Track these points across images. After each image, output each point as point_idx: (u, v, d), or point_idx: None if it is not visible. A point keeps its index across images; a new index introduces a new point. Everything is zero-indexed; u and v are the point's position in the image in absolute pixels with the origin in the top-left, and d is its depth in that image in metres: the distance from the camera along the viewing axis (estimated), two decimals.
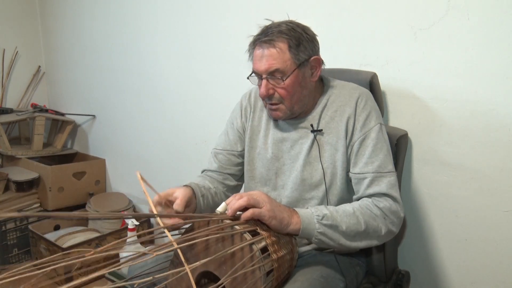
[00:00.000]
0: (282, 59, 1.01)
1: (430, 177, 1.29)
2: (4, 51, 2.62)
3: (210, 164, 1.23)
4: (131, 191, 2.40)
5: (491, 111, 1.15)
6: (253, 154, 1.18)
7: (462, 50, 1.17)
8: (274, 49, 1.01)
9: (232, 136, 1.23)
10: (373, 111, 1.07)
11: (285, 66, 1.02)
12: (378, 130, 1.06)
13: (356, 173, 1.05)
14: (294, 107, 1.07)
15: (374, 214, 0.99)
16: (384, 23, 1.30)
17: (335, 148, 1.07)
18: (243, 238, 0.87)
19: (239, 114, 1.23)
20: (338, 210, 0.99)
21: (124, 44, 2.24)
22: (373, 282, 1.22)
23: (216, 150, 1.24)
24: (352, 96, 1.08)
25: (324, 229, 0.95)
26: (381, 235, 1.01)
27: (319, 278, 0.98)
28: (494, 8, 1.10)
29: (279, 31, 1.02)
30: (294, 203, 1.11)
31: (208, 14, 1.81)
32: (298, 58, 1.03)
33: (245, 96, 1.24)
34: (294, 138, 1.12)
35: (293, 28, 1.02)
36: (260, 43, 1.03)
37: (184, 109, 2.02)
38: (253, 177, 1.18)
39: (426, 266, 1.36)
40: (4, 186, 2.19)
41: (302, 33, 1.03)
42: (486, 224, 1.22)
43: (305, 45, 1.03)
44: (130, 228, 1.93)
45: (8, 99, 2.68)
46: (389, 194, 1.01)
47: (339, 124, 1.07)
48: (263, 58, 1.03)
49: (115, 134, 2.45)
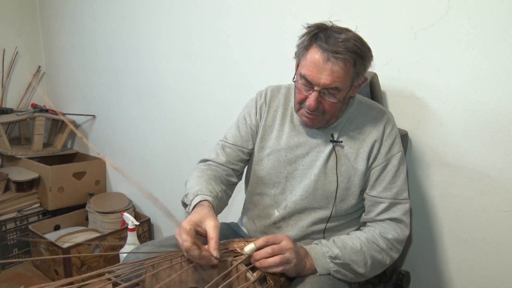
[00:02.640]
0: (345, 79, 0.96)
1: (430, 177, 1.29)
2: (4, 51, 2.62)
3: (216, 156, 1.17)
4: (131, 191, 2.41)
5: (491, 111, 1.15)
6: (262, 154, 1.15)
7: (462, 50, 1.17)
8: (341, 68, 0.95)
9: (244, 133, 1.17)
10: (397, 138, 1.09)
11: (345, 86, 0.98)
12: (400, 157, 1.07)
13: (374, 196, 1.06)
14: (331, 120, 1.06)
15: (380, 248, 1.03)
16: (384, 23, 1.30)
17: (353, 165, 1.07)
18: (239, 269, 0.87)
19: (253, 111, 1.18)
20: (346, 246, 1.01)
21: (124, 44, 2.24)
22: (373, 282, 1.22)
23: (225, 143, 1.18)
24: (380, 120, 1.08)
25: (338, 268, 1.00)
26: (385, 265, 1.06)
27: (327, 281, 0.98)
28: (494, 8, 1.10)
29: (348, 48, 0.94)
30: (301, 209, 1.11)
31: (208, 14, 1.81)
32: (357, 79, 1.00)
33: (261, 94, 1.19)
34: (311, 144, 1.10)
35: (360, 46, 0.96)
36: (324, 52, 0.95)
37: (184, 109, 2.02)
38: (260, 178, 1.15)
39: (426, 266, 1.36)
40: (4, 186, 2.19)
41: (367, 53, 0.98)
42: (486, 224, 1.22)
43: (366, 66, 1.00)
44: (130, 228, 1.94)
45: (8, 99, 2.68)
46: (402, 220, 1.05)
47: (362, 143, 1.07)
48: (325, 71, 0.95)
49: (115, 134, 2.45)
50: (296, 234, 1.11)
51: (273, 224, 1.14)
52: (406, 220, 1.06)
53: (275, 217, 1.14)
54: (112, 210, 2.19)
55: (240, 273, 0.86)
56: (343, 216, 1.11)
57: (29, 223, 2.19)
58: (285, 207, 1.12)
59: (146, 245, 1.13)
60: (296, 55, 1.03)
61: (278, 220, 1.13)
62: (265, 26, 1.63)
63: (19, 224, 2.18)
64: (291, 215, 1.12)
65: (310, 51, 0.97)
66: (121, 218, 2.14)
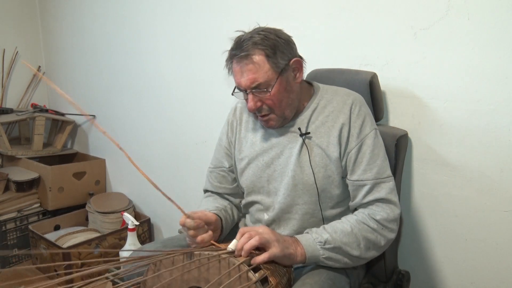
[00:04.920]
0: (263, 71, 1.00)
1: (430, 177, 1.29)
2: (4, 51, 2.62)
3: (210, 185, 1.26)
4: (131, 191, 2.41)
5: (491, 111, 1.15)
6: (242, 165, 1.18)
7: (462, 50, 1.17)
8: (252, 64, 1.00)
9: (220, 154, 1.24)
10: (367, 116, 1.07)
11: (267, 77, 1.01)
12: (374, 136, 1.06)
13: (355, 180, 1.05)
14: (285, 113, 1.07)
15: (371, 228, 1.01)
16: (384, 23, 1.30)
17: (326, 153, 1.06)
18: (241, 269, 0.88)
19: (225, 131, 1.23)
20: (336, 230, 1.00)
21: (124, 44, 2.24)
22: (373, 282, 1.22)
23: (209, 169, 1.27)
24: (346, 103, 1.08)
25: (329, 254, 0.98)
26: (381, 246, 1.04)
27: (327, 281, 0.98)
28: (494, 8, 1.10)
29: (253, 42, 0.99)
30: (287, 208, 1.11)
31: (208, 14, 1.81)
32: (277, 65, 1.01)
33: (231, 112, 1.25)
34: (283, 143, 1.11)
35: (266, 36, 1.00)
36: (237, 59, 1.02)
37: (184, 109, 2.02)
38: (246, 187, 1.18)
39: (426, 266, 1.36)
40: (4, 186, 2.19)
41: (276, 39, 1.01)
42: (486, 224, 1.22)
43: (281, 51, 1.02)
44: (130, 228, 1.94)
45: (8, 99, 2.68)
46: (389, 199, 1.03)
47: (331, 130, 1.07)
48: (244, 73, 1.01)
49: (115, 134, 2.45)
50: (290, 233, 1.11)
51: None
52: (393, 199, 1.03)
53: (265, 220, 1.14)
54: (112, 210, 2.19)
55: (242, 273, 0.86)
56: (334, 207, 1.10)
57: (29, 223, 2.19)
58: (273, 209, 1.13)
59: (148, 245, 1.14)
60: (228, 71, 1.09)
61: (269, 223, 1.14)
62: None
63: (19, 224, 2.18)
64: (280, 215, 1.12)
65: (233, 67, 1.05)
66: (121, 218, 2.15)
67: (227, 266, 0.89)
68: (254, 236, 0.92)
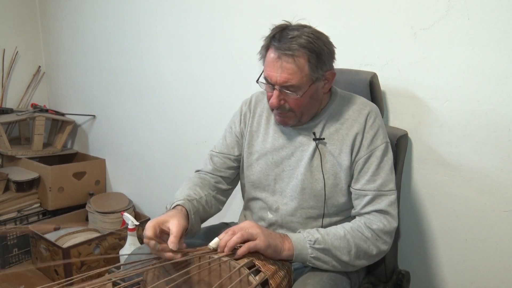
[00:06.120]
0: (300, 75, 0.98)
1: (430, 177, 1.29)
2: (4, 51, 2.62)
3: (204, 166, 1.23)
4: (131, 191, 2.41)
5: (491, 111, 1.15)
6: (251, 159, 1.17)
7: (462, 50, 1.17)
8: (293, 65, 0.97)
9: (230, 140, 1.22)
10: (380, 129, 1.07)
11: (302, 82, 0.99)
12: (384, 149, 1.06)
13: (358, 189, 1.05)
14: (303, 117, 1.07)
15: (365, 237, 1.01)
16: (384, 23, 1.30)
17: (337, 161, 1.07)
18: (242, 273, 0.87)
19: (238, 120, 1.22)
20: (329, 233, 1.00)
21: (124, 44, 2.24)
22: (373, 282, 1.22)
23: (213, 152, 1.24)
24: (362, 112, 1.08)
25: (317, 254, 0.97)
26: (372, 256, 1.03)
27: (328, 281, 0.98)
28: (494, 8, 1.10)
29: (300, 44, 0.96)
30: (292, 211, 1.11)
31: (208, 14, 1.81)
32: (315, 74, 1.00)
33: (245, 102, 1.23)
34: (295, 144, 1.11)
35: (314, 42, 0.97)
36: (277, 50, 0.98)
37: (184, 109, 2.02)
38: (252, 182, 1.17)
39: (426, 266, 1.36)
40: (4, 186, 2.19)
41: (323, 47, 0.99)
42: (486, 224, 1.22)
43: (323, 61, 1.00)
44: (130, 228, 1.93)
45: (8, 99, 2.68)
46: (387, 211, 1.03)
47: (345, 137, 1.07)
48: (279, 69, 0.98)
49: (115, 134, 2.45)
50: None
51: (269, 227, 1.14)
52: (392, 212, 1.03)
53: (268, 219, 1.14)
54: (112, 210, 2.19)
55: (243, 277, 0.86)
56: (337, 214, 1.10)
57: (29, 223, 2.19)
58: (277, 209, 1.12)
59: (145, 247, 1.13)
60: (260, 56, 1.07)
61: (272, 222, 1.13)
62: (265, 26, 1.62)
63: (19, 224, 2.18)
64: (284, 217, 1.12)
65: (268, 52, 1.01)
66: (121, 218, 2.14)
67: (227, 270, 0.88)
68: (237, 233, 0.91)
